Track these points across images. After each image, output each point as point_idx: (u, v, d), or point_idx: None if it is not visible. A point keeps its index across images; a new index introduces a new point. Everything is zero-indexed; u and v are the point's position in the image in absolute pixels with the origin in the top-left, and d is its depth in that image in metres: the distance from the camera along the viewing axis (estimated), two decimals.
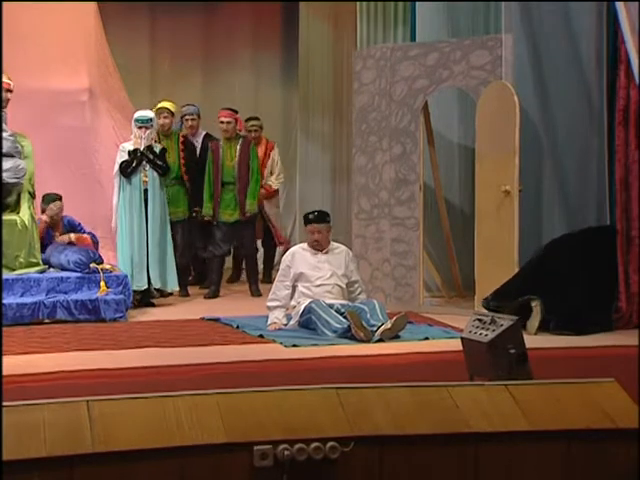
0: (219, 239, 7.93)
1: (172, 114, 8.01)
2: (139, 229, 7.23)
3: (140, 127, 7.24)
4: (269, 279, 8.31)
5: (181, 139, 8.00)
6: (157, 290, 7.43)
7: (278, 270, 6.50)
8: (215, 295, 7.87)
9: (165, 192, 7.45)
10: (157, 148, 7.37)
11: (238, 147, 7.93)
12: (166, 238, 7.37)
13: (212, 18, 10.11)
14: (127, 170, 7.22)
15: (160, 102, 8.03)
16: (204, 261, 8.38)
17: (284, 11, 10.23)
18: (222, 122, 7.95)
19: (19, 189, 6.88)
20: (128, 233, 7.22)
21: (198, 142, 8.31)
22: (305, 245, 6.44)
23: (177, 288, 7.54)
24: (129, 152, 7.23)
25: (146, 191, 7.27)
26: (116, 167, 7.29)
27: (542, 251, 6.48)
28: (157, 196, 7.32)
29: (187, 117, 8.39)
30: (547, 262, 6.38)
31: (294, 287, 6.29)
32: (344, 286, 6.33)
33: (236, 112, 8.13)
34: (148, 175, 7.27)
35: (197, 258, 8.43)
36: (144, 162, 7.25)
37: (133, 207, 7.24)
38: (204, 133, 8.47)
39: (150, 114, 7.39)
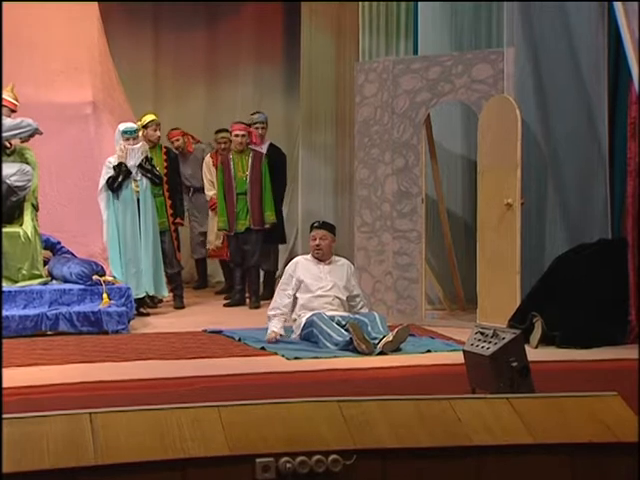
0: (234, 249, 8.02)
1: (159, 126, 8.05)
2: (133, 238, 7.32)
3: (127, 139, 7.33)
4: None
5: (164, 150, 8.06)
6: (149, 298, 7.51)
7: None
8: (238, 303, 8.08)
9: (154, 201, 7.55)
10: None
11: (250, 159, 8.01)
12: (158, 245, 7.51)
13: (215, 32, 10.16)
14: (114, 185, 7.30)
15: (145, 115, 8.03)
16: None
17: (286, 24, 10.28)
18: (237, 135, 8.03)
19: (26, 194, 6.90)
20: (122, 243, 7.29)
21: (263, 150, 8.34)
22: (309, 256, 6.47)
23: (167, 294, 7.63)
24: (114, 167, 7.30)
25: (138, 200, 7.35)
26: (102, 182, 7.36)
27: (553, 264, 6.47)
28: (149, 205, 7.43)
29: (257, 125, 8.43)
30: (557, 275, 6.37)
31: (296, 298, 6.29)
32: (344, 298, 6.34)
33: (249, 125, 8.22)
34: (140, 185, 7.36)
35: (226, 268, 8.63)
36: (133, 174, 7.33)
37: (127, 217, 7.32)
38: (269, 142, 8.53)
39: (135, 125, 7.51)
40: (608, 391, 3.28)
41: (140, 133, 7.69)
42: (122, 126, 7.43)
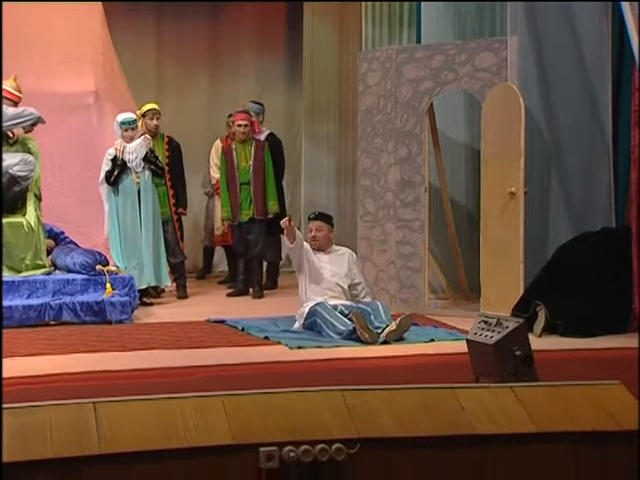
0: (238, 239, 8.03)
1: (160, 114, 8.02)
2: (133, 229, 7.31)
3: (126, 129, 7.31)
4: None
5: (166, 139, 8.05)
6: (152, 288, 7.52)
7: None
8: (241, 293, 8.06)
9: (155, 191, 7.54)
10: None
11: (252, 149, 7.99)
12: (159, 236, 7.49)
13: (217, 22, 10.14)
14: (110, 179, 7.29)
15: (145, 104, 8.02)
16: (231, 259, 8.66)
17: (289, 14, 10.25)
18: (239, 125, 8.01)
19: (28, 184, 6.90)
20: (123, 235, 7.29)
21: (261, 140, 8.31)
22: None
23: (169, 283, 7.61)
24: (111, 160, 7.28)
25: (139, 192, 7.34)
26: (102, 174, 7.35)
27: (556, 253, 6.46)
28: (150, 196, 7.41)
29: (251, 114, 8.40)
30: (560, 264, 6.37)
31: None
32: (346, 287, 6.34)
33: (250, 115, 8.19)
34: (140, 176, 7.35)
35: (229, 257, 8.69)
36: (133, 166, 7.30)
37: (127, 209, 7.31)
38: (267, 132, 8.49)
39: (134, 115, 7.48)
40: (611, 380, 3.28)
41: (139, 123, 7.70)
42: (120, 117, 7.42)
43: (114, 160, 7.29)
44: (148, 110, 7.90)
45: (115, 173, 7.29)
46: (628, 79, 6.42)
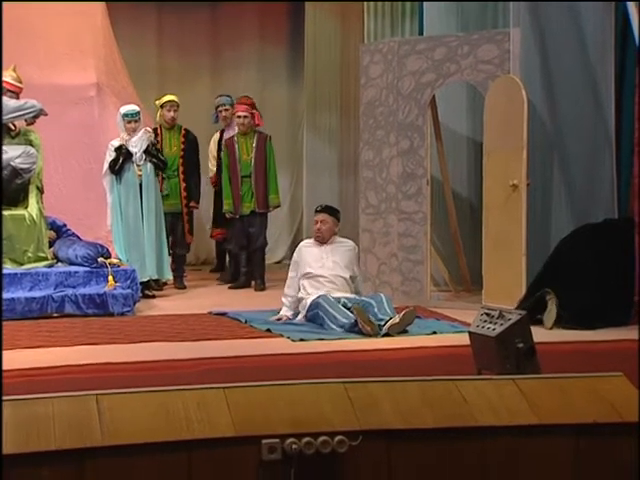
0: (239, 232, 8.01)
1: (178, 106, 8.05)
2: (135, 223, 7.32)
3: (129, 121, 7.30)
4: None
5: (182, 132, 8.05)
6: (154, 280, 7.53)
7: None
8: (243, 285, 8.06)
9: (158, 185, 7.53)
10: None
11: (254, 141, 7.98)
12: (162, 229, 7.49)
13: (219, 14, 10.13)
14: (115, 168, 7.28)
15: (164, 95, 8.07)
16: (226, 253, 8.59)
17: (290, 6, 10.23)
18: (239, 116, 7.99)
19: (30, 176, 6.90)
20: (125, 228, 7.29)
21: (234, 132, 8.29)
22: (311, 239, 6.52)
23: (171, 277, 7.60)
24: (115, 149, 7.27)
25: (140, 185, 7.33)
26: (105, 166, 7.34)
27: (559, 245, 6.45)
28: (152, 189, 7.41)
29: (220, 108, 8.39)
30: (563, 256, 6.36)
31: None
32: (348, 278, 6.35)
33: (253, 106, 8.18)
34: (142, 169, 7.33)
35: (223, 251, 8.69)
36: (136, 159, 7.29)
37: (129, 202, 7.32)
38: None
39: (137, 107, 7.46)
40: (613, 372, 3.28)
41: (157, 114, 7.70)
42: (123, 109, 7.42)
43: (119, 149, 7.29)
44: (166, 102, 7.96)
45: (120, 161, 7.28)
46: (631, 71, 6.41)
